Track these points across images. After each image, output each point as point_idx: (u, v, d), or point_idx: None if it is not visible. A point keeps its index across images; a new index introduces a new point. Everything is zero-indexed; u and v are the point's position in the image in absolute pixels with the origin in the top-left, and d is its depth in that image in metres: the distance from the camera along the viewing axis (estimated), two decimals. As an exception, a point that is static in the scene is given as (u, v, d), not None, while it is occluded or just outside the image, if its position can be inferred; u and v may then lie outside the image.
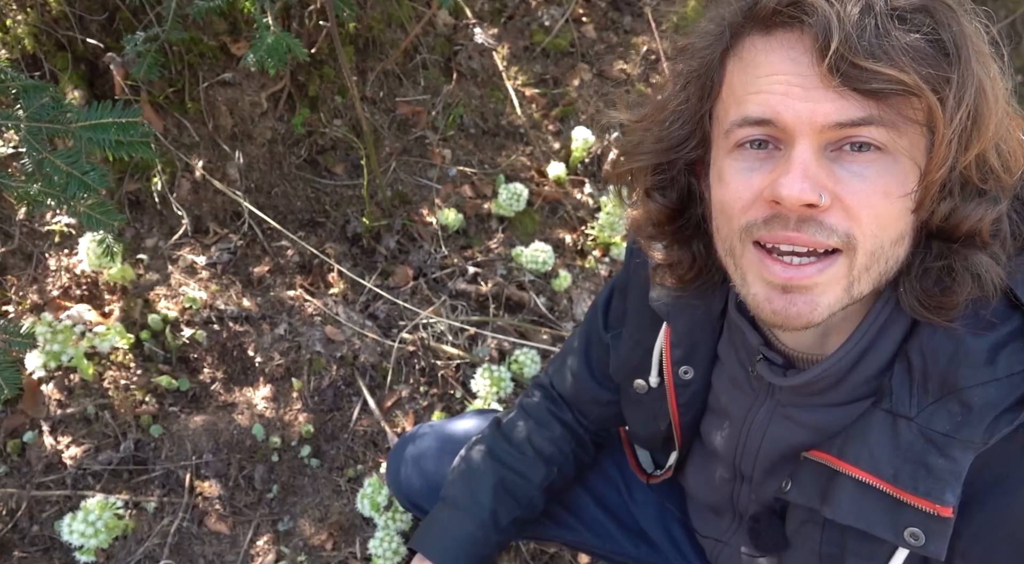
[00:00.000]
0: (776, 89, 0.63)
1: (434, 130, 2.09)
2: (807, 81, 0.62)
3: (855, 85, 0.60)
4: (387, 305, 1.82)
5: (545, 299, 1.95)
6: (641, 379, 0.95)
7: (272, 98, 1.86)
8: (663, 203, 0.79)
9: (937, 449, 0.67)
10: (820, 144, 0.63)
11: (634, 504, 1.16)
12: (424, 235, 1.96)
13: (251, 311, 1.73)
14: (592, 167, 2.19)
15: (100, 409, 1.55)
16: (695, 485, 1.02)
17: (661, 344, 0.91)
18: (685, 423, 0.95)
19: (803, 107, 0.62)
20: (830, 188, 0.63)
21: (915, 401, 0.69)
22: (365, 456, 1.66)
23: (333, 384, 1.71)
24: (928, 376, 0.69)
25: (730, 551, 1.02)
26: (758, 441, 0.85)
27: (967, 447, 0.66)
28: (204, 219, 1.81)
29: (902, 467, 0.69)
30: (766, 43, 0.65)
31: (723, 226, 0.71)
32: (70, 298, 1.64)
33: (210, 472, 1.55)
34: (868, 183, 0.63)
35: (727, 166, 0.69)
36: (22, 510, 1.45)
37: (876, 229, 0.64)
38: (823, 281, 0.65)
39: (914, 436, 0.68)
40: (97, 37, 1.68)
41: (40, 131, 1.04)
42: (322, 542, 1.53)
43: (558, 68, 2.31)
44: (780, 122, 0.63)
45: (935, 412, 0.68)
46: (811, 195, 0.62)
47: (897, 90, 0.59)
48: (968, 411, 0.66)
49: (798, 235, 0.64)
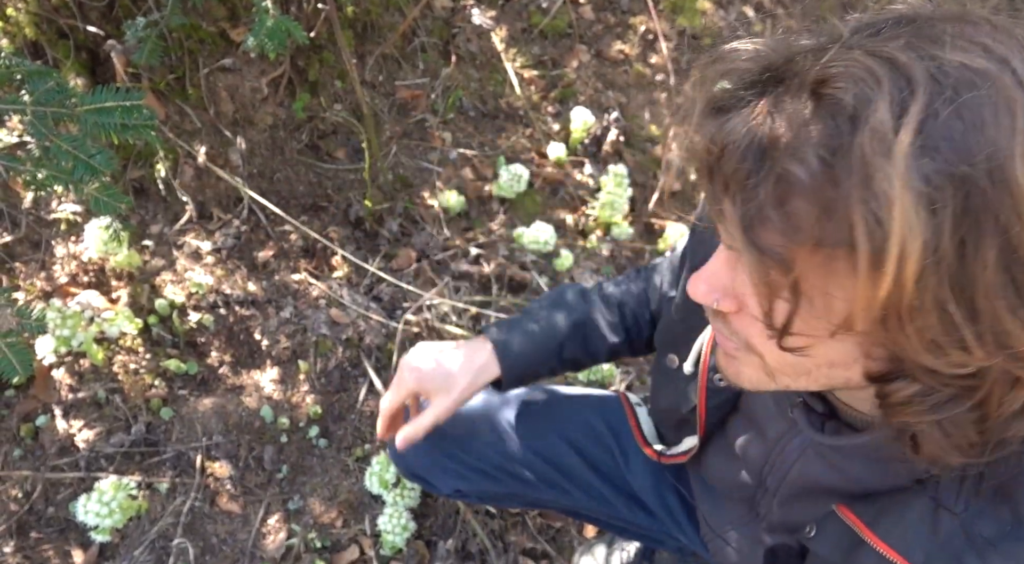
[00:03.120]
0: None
1: (434, 113, 2.10)
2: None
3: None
4: (391, 287, 1.84)
5: (547, 279, 1.97)
6: (675, 355, 0.95)
7: (272, 84, 1.87)
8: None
9: (976, 552, 0.64)
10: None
11: (629, 472, 1.16)
12: (426, 218, 1.97)
13: (257, 295, 1.75)
14: (592, 148, 2.20)
15: (110, 393, 1.57)
16: (716, 475, 1.01)
17: (703, 340, 0.90)
18: (711, 421, 0.94)
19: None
20: (738, 295, 0.59)
21: (963, 498, 0.66)
22: (372, 436, 1.68)
23: (339, 366, 1.73)
24: (984, 477, 0.66)
25: (722, 545, 1.03)
26: (787, 467, 0.84)
27: (1007, 559, 0.63)
28: (208, 205, 1.83)
29: (935, 557, 0.66)
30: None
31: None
32: (78, 285, 1.66)
33: (220, 453, 1.58)
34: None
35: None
36: (37, 492, 1.47)
37: (778, 358, 0.59)
38: (740, 358, 0.65)
39: (955, 530, 0.66)
40: (97, 24, 1.69)
41: (46, 116, 1.06)
42: (332, 520, 1.56)
43: (556, 49, 2.31)
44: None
45: (983, 513, 0.65)
46: (704, 300, 0.61)
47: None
48: (1019, 524, 0.63)
49: (712, 324, 0.65)
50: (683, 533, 1.18)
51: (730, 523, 1.02)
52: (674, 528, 1.18)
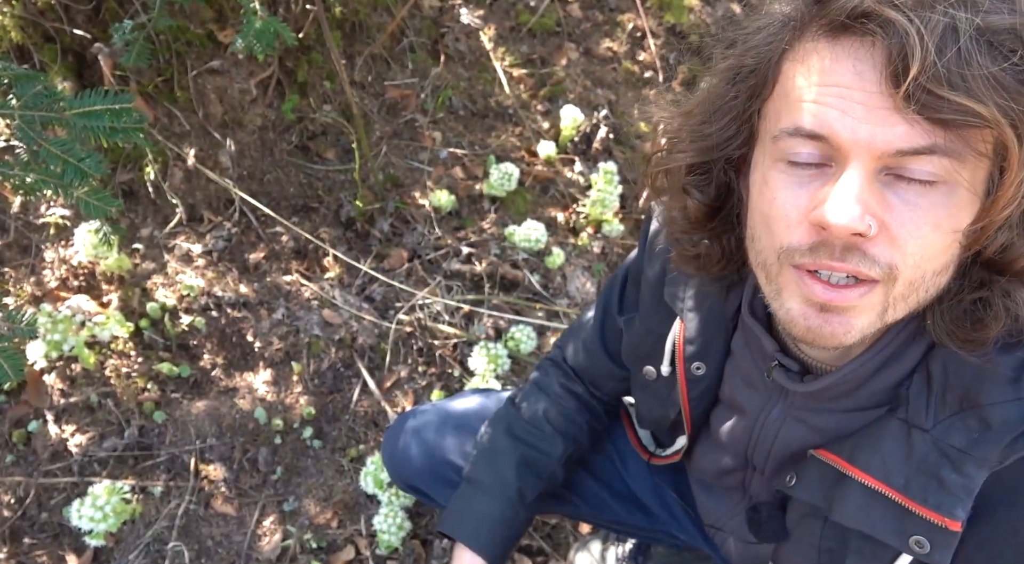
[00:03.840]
0: (835, 102, 0.59)
1: (423, 113, 2.10)
2: (871, 100, 0.57)
3: (926, 113, 0.55)
4: (383, 287, 1.84)
5: (539, 277, 1.97)
6: (651, 366, 0.95)
7: (261, 85, 1.86)
8: (701, 200, 0.76)
9: (951, 464, 0.66)
10: (875, 169, 0.59)
11: (628, 474, 1.17)
12: (417, 217, 1.98)
13: (248, 297, 1.74)
14: (582, 145, 2.21)
15: (103, 397, 1.57)
16: (703, 468, 1.03)
17: (675, 337, 0.90)
18: (696, 415, 0.95)
19: (863, 129, 0.58)
20: (879, 216, 0.59)
21: (932, 413, 0.69)
22: (367, 436, 1.68)
23: (332, 367, 1.73)
24: (948, 389, 0.68)
25: (724, 537, 1.04)
26: (771, 439, 0.86)
27: (982, 465, 0.65)
28: (198, 207, 1.82)
29: (914, 478, 0.68)
30: (831, 50, 0.60)
31: (763, 237, 0.68)
32: (68, 289, 1.65)
33: (214, 456, 1.58)
34: (920, 213, 0.59)
35: (773, 176, 0.65)
36: (30, 498, 1.47)
37: (920, 260, 0.61)
38: (861, 304, 0.63)
39: (928, 448, 0.68)
40: (84, 28, 1.68)
41: (34, 120, 1.05)
42: (327, 520, 1.56)
43: (545, 48, 2.32)
44: (835, 141, 0.59)
45: (952, 426, 0.67)
46: (859, 224, 0.58)
47: (971, 122, 0.55)
48: (987, 429, 0.65)
49: (842, 265, 0.61)
50: (683, 531, 1.19)
51: (727, 513, 1.03)
52: (673, 526, 1.19)
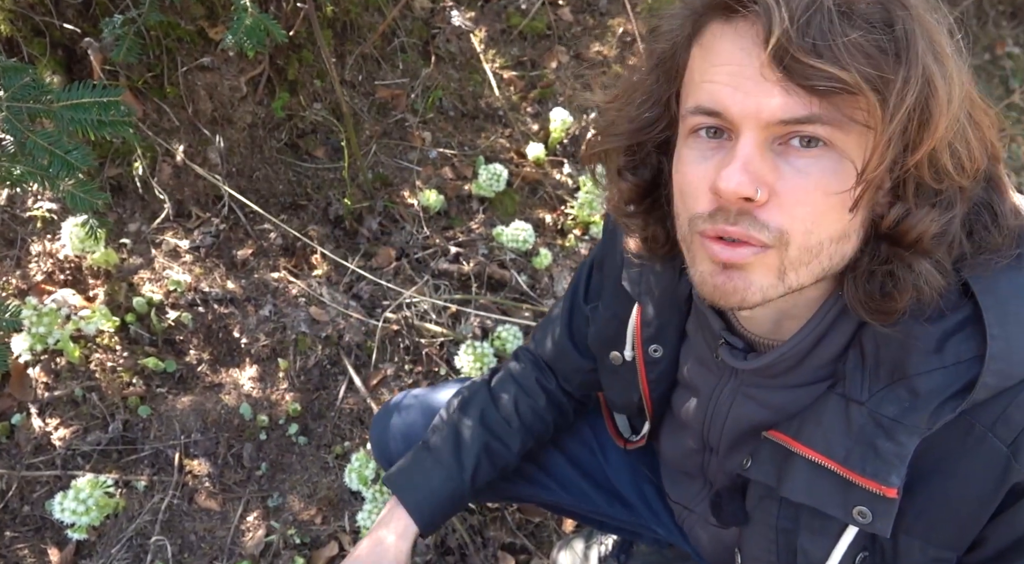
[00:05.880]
0: (727, 80, 0.63)
1: (413, 113, 2.11)
2: (756, 74, 0.61)
3: (798, 81, 0.59)
4: (370, 286, 1.85)
5: (526, 277, 1.98)
6: (616, 351, 0.98)
7: (251, 82, 1.87)
8: (634, 182, 0.81)
9: (885, 433, 0.69)
10: (766, 138, 0.63)
11: (608, 465, 1.19)
12: (406, 216, 1.98)
13: (236, 293, 1.75)
14: (571, 148, 2.22)
15: (87, 391, 1.56)
16: (668, 452, 1.06)
17: (634, 321, 0.94)
18: (656, 397, 0.98)
19: (750, 102, 0.62)
20: (769, 183, 0.63)
21: (866, 386, 0.72)
22: (352, 433, 1.68)
23: (319, 364, 1.73)
24: (880, 362, 0.71)
25: (696, 518, 1.07)
26: (723, 418, 0.89)
27: (912, 432, 0.68)
28: (186, 203, 1.82)
29: (853, 449, 0.71)
30: (723, 30, 0.65)
31: (680, 211, 0.73)
32: (54, 283, 1.65)
33: (199, 451, 1.58)
34: (809, 180, 0.63)
35: (684, 153, 0.70)
36: (12, 491, 1.46)
37: (811, 226, 0.64)
38: (755, 262, 0.67)
39: (865, 419, 0.71)
40: (74, 22, 1.68)
41: (21, 111, 1.05)
42: (311, 516, 1.56)
43: (535, 50, 2.33)
44: (728, 115, 0.64)
45: (885, 397, 0.70)
46: (747, 189, 0.62)
47: (839, 89, 0.58)
48: (915, 397, 0.68)
49: (735, 228, 0.65)
50: (660, 525, 1.21)
51: (694, 499, 1.05)
52: (651, 520, 1.21)
